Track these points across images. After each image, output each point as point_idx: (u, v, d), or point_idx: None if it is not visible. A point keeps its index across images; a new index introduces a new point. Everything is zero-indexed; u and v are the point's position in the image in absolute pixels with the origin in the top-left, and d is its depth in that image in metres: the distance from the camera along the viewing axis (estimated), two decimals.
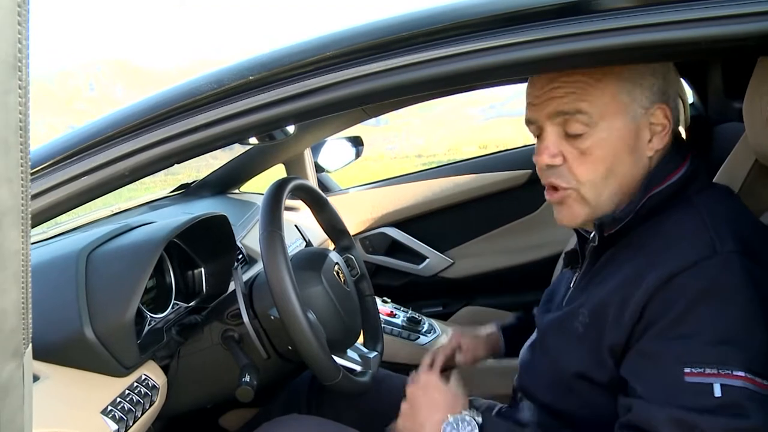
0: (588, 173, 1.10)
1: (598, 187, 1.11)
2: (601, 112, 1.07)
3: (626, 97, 1.08)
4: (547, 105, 1.11)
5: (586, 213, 1.13)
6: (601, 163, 1.09)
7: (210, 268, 1.71)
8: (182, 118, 1.00)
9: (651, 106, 1.09)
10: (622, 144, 1.09)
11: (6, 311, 0.51)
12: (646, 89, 1.09)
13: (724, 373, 0.91)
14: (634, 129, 1.09)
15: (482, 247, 2.82)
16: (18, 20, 0.45)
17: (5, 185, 0.48)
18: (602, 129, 1.08)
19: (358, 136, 2.91)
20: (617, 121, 1.08)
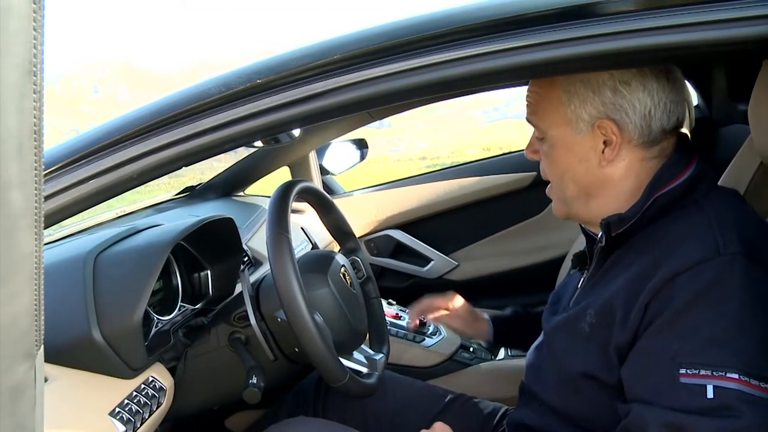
0: (551, 172, 1.23)
1: (560, 186, 1.22)
2: (548, 123, 1.18)
3: (568, 112, 1.14)
4: None
5: (563, 208, 1.25)
6: (555, 167, 1.20)
7: (216, 271, 1.71)
8: (190, 121, 1.01)
9: (594, 120, 1.13)
10: (570, 152, 1.17)
11: (19, 313, 0.51)
12: (587, 104, 1.12)
13: (717, 375, 0.92)
14: (579, 140, 1.15)
15: (487, 249, 2.82)
16: (33, 25, 0.45)
17: (19, 188, 0.48)
18: (552, 137, 1.18)
19: (363, 138, 2.91)
20: (563, 131, 1.16)
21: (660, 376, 0.97)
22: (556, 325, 1.24)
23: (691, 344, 0.95)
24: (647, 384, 0.99)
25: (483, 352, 2.14)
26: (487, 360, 2.09)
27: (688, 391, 0.93)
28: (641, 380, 1.00)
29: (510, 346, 1.83)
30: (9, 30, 0.44)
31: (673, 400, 0.94)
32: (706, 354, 0.94)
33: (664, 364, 0.96)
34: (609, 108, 1.11)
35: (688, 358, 0.94)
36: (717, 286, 0.96)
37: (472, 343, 2.17)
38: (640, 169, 1.14)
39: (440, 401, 1.62)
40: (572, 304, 1.24)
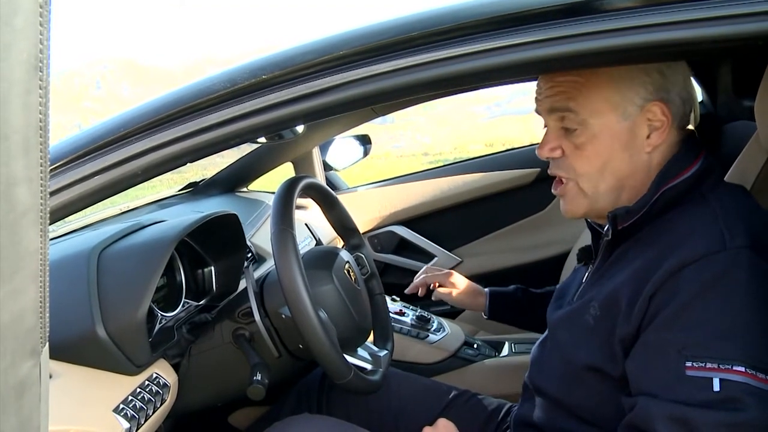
0: (583, 166, 1.15)
1: (594, 180, 1.15)
2: (590, 110, 1.12)
3: (616, 95, 1.11)
4: (545, 101, 1.17)
5: (585, 205, 1.18)
6: (595, 158, 1.14)
7: (220, 267, 1.71)
8: (195, 117, 1.00)
9: (645, 104, 1.11)
10: (615, 140, 1.12)
11: (24, 310, 0.51)
12: (638, 87, 1.11)
13: (724, 368, 0.92)
14: (627, 126, 1.12)
15: (490, 245, 2.82)
16: (40, 21, 0.45)
17: (25, 185, 0.48)
18: (593, 126, 1.12)
19: (366, 134, 2.91)
20: (608, 118, 1.12)
21: (666, 369, 0.97)
22: (560, 319, 1.24)
23: (697, 337, 0.95)
24: (653, 377, 0.99)
25: (487, 348, 2.14)
26: (492, 356, 2.09)
27: (694, 384, 0.93)
28: (647, 373, 1.00)
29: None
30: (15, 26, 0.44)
31: (679, 393, 0.94)
32: (712, 347, 0.94)
33: (670, 357, 0.96)
34: (659, 90, 1.11)
35: (695, 351, 0.94)
36: (723, 279, 0.97)
37: (476, 339, 2.17)
38: (672, 154, 1.14)
39: (444, 398, 1.62)
40: (576, 297, 1.24)
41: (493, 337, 2.32)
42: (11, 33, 0.44)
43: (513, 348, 2.13)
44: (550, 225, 2.73)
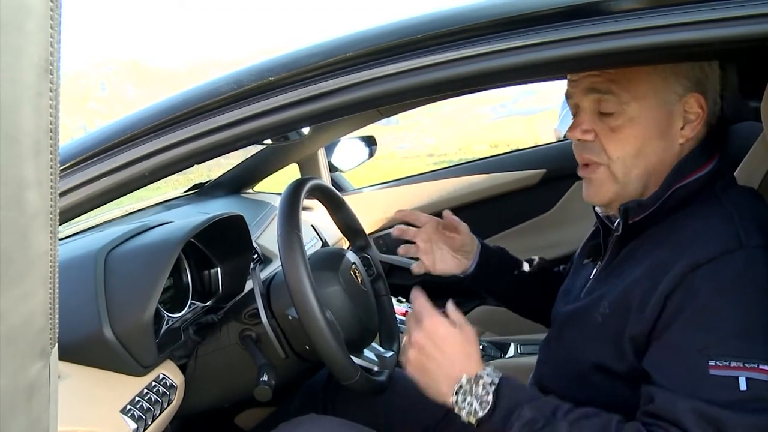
0: (617, 150, 1.13)
1: (627, 165, 1.13)
2: (633, 95, 1.10)
3: (660, 81, 1.11)
4: (584, 81, 1.15)
5: (614, 191, 1.16)
6: (630, 142, 1.12)
7: (226, 268, 1.71)
8: (202, 119, 1.01)
9: (685, 94, 1.11)
10: (653, 127, 1.12)
11: (34, 312, 0.51)
12: (681, 77, 1.11)
13: (749, 367, 0.91)
14: (665, 114, 1.12)
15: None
16: (50, 24, 0.45)
17: (35, 187, 0.48)
18: (633, 109, 1.11)
19: (372, 135, 2.91)
20: (649, 104, 1.11)
21: (688, 368, 0.96)
22: (567, 316, 1.24)
23: (718, 337, 0.95)
24: (675, 377, 0.98)
25: (493, 349, 2.14)
26: (497, 358, 2.09)
27: (720, 384, 0.93)
28: (667, 372, 0.99)
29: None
30: (26, 29, 0.44)
31: (703, 392, 0.93)
32: (735, 346, 0.93)
33: (691, 356, 0.96)
34: (699, 83, 1.11)
35: (717, 350, 0.94)
36: (742, 277, 0.97)
37: (481, 340, 2.17)
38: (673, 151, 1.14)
39: None
40: (584, 294, 1.24)
41: (498, 338, 2.31)
42: (23, 37, 0.44)
43: (519, 349, 2.13)
44: (555, 226, 2.72)
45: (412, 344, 1.16)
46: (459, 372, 1.10)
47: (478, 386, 1.08)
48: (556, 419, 1.03)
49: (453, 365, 1.12)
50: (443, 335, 1.14)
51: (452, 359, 1.12)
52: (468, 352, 1.14)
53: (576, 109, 1.19)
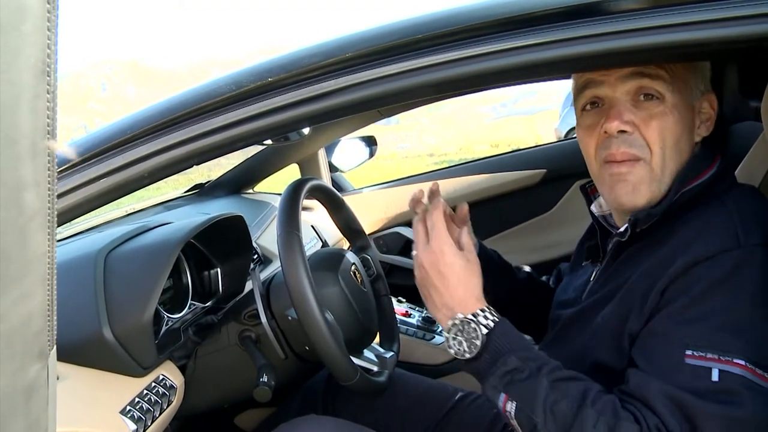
0: (659, 140, 1.10)
1: (665, 159, 1.11)
2: (675, 84, 1.09)
3: (691, 78, 1.12)
4: (622, 69, 1.10)
5: (651, 191, 1.12)
6: (671, 131, 1.10)
7: (226, 269, 1.71)
8: (201, 120, 1.01)
9: (705, 92, 1.14)
10: (685, 120, 1.12)
11: (32, 313, 0.51)
12: (704, 75, 1.14)
13: (724, 360, 0.93)
14: (692, 110, 1.13)
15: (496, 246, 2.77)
16: (47, 25, 0.45)
17: (33, 189, 0.48)
18: (675, 98, 1.09)
19: (372, 135, 2.91)
20: (685, 96, 1.11)
21: (666, 355, 0.98)
22: (568, 318, 1.24)
23: (701, 329, 0.96)
24: (653, 361, 1.00)
25: None
26: None
27: (693, 372, 0.94)
28: (647, 358, 1.01)
29: None
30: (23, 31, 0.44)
31: (677, 379, 0.95)
32: (714, 339, 0.95)
33: (671, 345, 0.97)
34: (709, 85, 1.14)
35: (696, 341, 0.95)
36: (736, 276, 0.97)
37: None
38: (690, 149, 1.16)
39: (450, 399, 1.61)
40: (585, 297, 1.24)
41: None
42: (20, 38, 0.44)
43: None
44: (556, 226, 2.72)
45: (418, 264, 1.17)
46: (456, 306, 1.11)
47: (471, 327, 1.08)
48: (539, 374, 1.03)
49: (452, 296, 1.12)
50: (448, 262, 1.14)
51: (452, 290, 1.13)
52: (469, 284, 1.13)
53: (599, 101, 1.15)
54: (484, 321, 1.09)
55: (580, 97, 1.18)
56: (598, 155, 1.15)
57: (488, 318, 1.09)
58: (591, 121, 1.16)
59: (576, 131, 1.22)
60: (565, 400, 1.00)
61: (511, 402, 1.04)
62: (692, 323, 0.97)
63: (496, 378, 1.06)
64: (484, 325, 1.08)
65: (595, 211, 1.31)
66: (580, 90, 1.17)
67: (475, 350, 1.07)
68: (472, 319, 1.09)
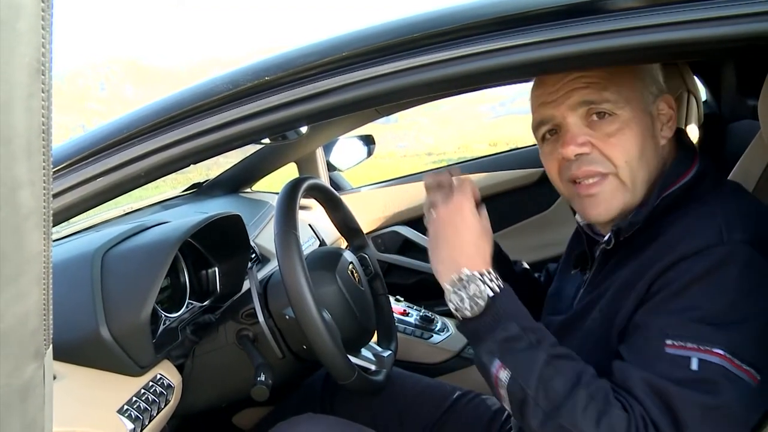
0: (622, 154, 1.10)
1: (633, 169, 1.11)
2: (624, 98, 1.10)
3: (639, 83, 1.12)
4: (568, 97, 1.11)
5: (624, 201, 1.12)
6: (632, 143, 1.10)
7: (224, 268, 1.71)
8: (198, 119, 1.01)
9: (659, 95, 1.14)
10: (644, 127, 1.11)
11: (28, 313, 0.51)
12: (653, 78, 1.14)
13: (704, 349, 0.93)
14: (648, 115, 1.13)
15: None
16: (42, 24, 0.45)
17: (28, 188, 0.48)
18: (627, 112, 1.10)
19: (370, 134, 2.91)
20: (636, 106, 1.11)
21: (646, 345, 0.98)
22: (561, 325, 1.23)
23: (681, 320, 0.96)
24: (634, 351, 1.00)
25: None
26: None
27: (672, 361, 0.94)
28: (629, 349, 1.01)
29: None
30: (18, 30, 0.44)
31: (657, 368, 0.95)
32: (695, 330, 0.95)
33: (652, 336, 0.98)
34: (664, 84, 1.15)
35: (676, 331, 0.96)
36: (718, 270, 0.97)
37: None
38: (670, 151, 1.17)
39: (448, 398, 1.61)
40: (576, 303, 1.23)
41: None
42: (14, 36, 0.44)
43: None
44: (553, 225, 2.72)
45: (435, 219, 1.17)
46: (464, 261, 1.10)
47: (476, 285, 1.07)
48: (538, 347, 1.03)
49: (462, 252, 1.11)
50: (466, 218, 1.14)
51: (463, 246, 1.12)
52: (480, 245, 1.13)
53: (556, 128, 1.16)
54: (491, 283, 1.08)
55: (538, 130, 1.20)
56: (562, 176, 1.17)
57: (494, 281, 1.08)
58: (550, 148, 1.17)
59: (541, 158, 1.23)
60: (560, 378, 0.99)
61: (505, 370, 1.03)
62: (673, 314, 0.97)
63: (494, 343, 1.05)
64: (490, 287, 1.07)
65: (579, 220, 1.32)
66: (536, 124, 1.19)
67: (478, 310, 1.06)
68: (479, 278, 1.08)
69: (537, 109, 1.18)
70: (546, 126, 1.17)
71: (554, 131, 1.17)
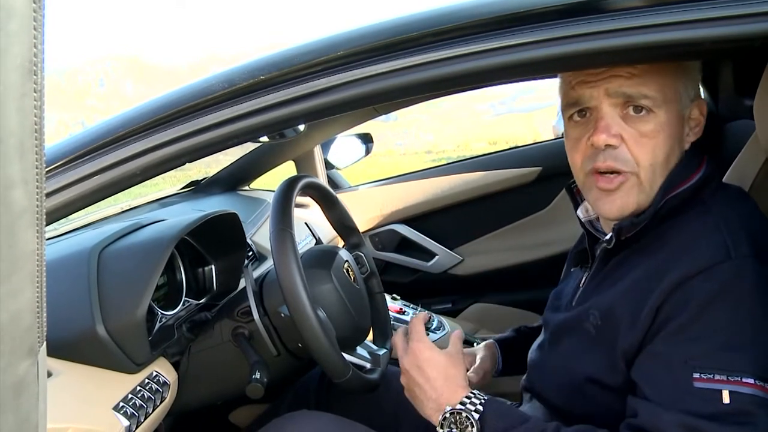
0: (648, 156, 1.08)
1: (656, 173, 1.09)
2: (663, 98, 1.07)
3: (681, 86, 1.09)
4: (609, 82, 1.07)
5: (639, 201, 1.11)
6: (661, 148, 1.08)
7: (220, 266, 1.71)
8: (193, 118, 1.01)
9: (695, 100, 1.12)
10: (675, 131, 1.10)
11: (21, 310, 0.52)
12: (693, 82, 1.11)
13: (733, 380, 0.91)
14: (681, 119, 1.11)
15: (491, 244, 2.81)
16: (34, 25, 0.45)
17: (21, 187, 0.48)
18: (663, 113, 1.07)
19: (368, 133, 2.91)
20: (673, 108, 1.09)
21: (673, 380, 0.96)
22: (559, 325, 1.23)
23: (704, 348, 0.95)
24: (660, 387, 0.98)
25: None
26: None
27: (703, 396, 0.93)
28: (653, 383, 0.99)
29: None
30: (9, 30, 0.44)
31: (688, 405, 0.93)
32: (720, 358, 0.93)
33: (677, 368, 0.96)
34: (699, 89, 1.12)
35: (702, 362, 0.94)
36: (731, 289, 0.96)
37: (476, 338, 2.17)
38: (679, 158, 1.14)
39: None
40: (575, 303, 1.23)
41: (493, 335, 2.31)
42: (6, 37, 0.44)
43: None
44: (551, 223, 2.72)
45: (402, 371, 1.22)
46: (443, 399, 1.14)
47: (462, 417, 1.10)
48: None
49: (436, 390, 1.15)
50: (427, 358, 1.19)
51: (435, 384, 1.16)
52: (451, 374, 1.17)
53: (587, 110, 1.12)
54: (473, 407, 1.10)
55: (567, 110, 1.16)
56: (584, 166, 1.14)
57: (475, 403, 1.11)
58: (578, 133, 1.14)
59: (564, 141, 1.20)
60: None
61: None
62: (694, 342, 0.95)
63: None
64: (474, 411, 1.09)
65: (581, 216, 1.29)
66: (569, 103, 1.15)
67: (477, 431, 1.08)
68: (462, 408, 1.10)
69: (574, 87, 1.12)
70: (577, 107, 1.13)
71: (584, 113, 1.13)
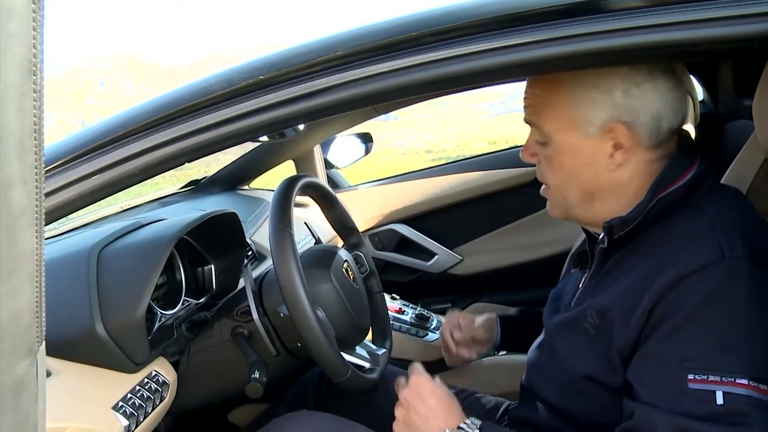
0: (551, 178, 1.18)
1: (562, 192, 1.18)
2: (553, 127, 1.13)
3: (576, 114, 1.10)
4: (525, 110, 1.18)
5: (561, 211, 1.22)
6: (558, 172, 1.16)
7: (220, 265, 1.71)
8: (192, 118, 1.01)
9: (606, 124, 1.09)
10: (578, 157, 1.12)
11: (20, 310, 0.52)
12: (597, 107, 1.08)
13: (727, 381, 0.91)
14: (589, 144, 1.11)
15: (491, 243, 2.81)
16: (33, 25, 0.45)
17: (20, 187, 0.48)
18: (557, 141, 1.13)
19: (368, 132, 2.91)
20: (570, 135, 1.12)
21: (668, 381, 0.96)
22: (558, 325, 1.23)
23: (698, 349, 0.95)
24: (654, 389, 0.98)
25: None
26: (490, 355, 2.09)
27: (697, 397, 0.93)
28: (648, 385, 1.00)
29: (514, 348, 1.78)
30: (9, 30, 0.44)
31: (682, 406, 0.94)
32: (714, 359, 0.93)
33: (671, 369, 0.96)
34: (620, 111, 1.07)
35: (696, 363, 0.94)
36: (725, 289, 0.96)
37: None
38: (646, 171, 1.11)
39: None
40: (574, 303, 1.23)
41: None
42: (6, 37, 0.44)
43: None
44: (551, 223, 2.71)
45: (400, 403, 1.25)
46: (443, 424, 1.17)
47: None
48: None
49: (437, 416, 1.19)
50: (428, 390, 1.23)
51: (435, 411, 1.20)
52: (450, 405, 1.21)
53: None
54: (470, 430, 1.15)
55: None
56: None
57: (471, 427, 1.15)
58: None
59: None
60: None
61: None
62: (688, 343, 0.96)
63: None
64: None
65: None
66: None
67: None
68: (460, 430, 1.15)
69: None
70: None
71: None
